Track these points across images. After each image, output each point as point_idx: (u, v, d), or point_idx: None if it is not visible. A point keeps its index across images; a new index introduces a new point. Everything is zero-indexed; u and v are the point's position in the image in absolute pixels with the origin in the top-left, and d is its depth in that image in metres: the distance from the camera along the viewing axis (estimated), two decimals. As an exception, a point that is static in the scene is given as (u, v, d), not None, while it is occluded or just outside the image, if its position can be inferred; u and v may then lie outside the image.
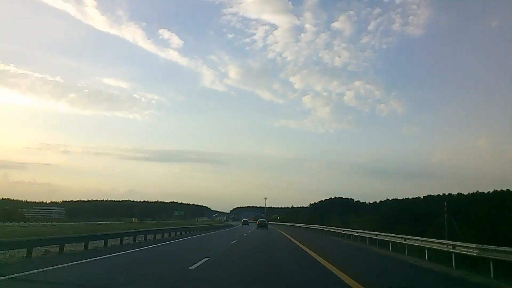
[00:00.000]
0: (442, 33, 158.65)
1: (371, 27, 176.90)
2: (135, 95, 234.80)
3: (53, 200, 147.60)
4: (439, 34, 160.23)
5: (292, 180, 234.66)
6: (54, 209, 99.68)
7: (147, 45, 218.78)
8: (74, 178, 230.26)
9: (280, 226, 73.09)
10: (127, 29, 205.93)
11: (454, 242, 13.50)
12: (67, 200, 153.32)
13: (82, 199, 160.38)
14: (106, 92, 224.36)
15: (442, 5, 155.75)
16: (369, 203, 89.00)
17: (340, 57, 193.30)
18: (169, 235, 28.30)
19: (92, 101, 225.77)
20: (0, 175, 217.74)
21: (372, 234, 22.87)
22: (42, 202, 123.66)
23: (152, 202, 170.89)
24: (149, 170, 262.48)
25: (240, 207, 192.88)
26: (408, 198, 68.14)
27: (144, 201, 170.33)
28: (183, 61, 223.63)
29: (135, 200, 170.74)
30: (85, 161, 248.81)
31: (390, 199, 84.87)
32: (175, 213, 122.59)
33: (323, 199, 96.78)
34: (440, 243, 14.13)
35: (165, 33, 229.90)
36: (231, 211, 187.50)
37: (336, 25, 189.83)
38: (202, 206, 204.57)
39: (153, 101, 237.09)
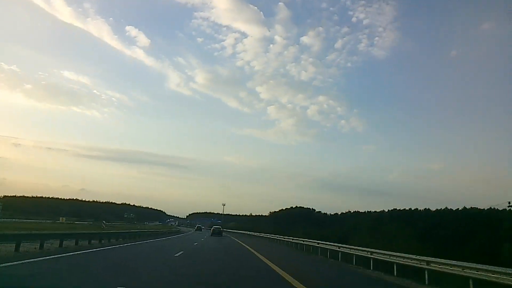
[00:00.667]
0: (404, 57, 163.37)
1: (338, 45, 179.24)
2: (95, 91, 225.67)
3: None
4: (402, 58, 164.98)
5: (252, 189, 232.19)
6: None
7: (112, 41, 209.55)
8: (22, 173, 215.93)
9: (237, 234, 67.77)
10: (93, 22, 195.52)
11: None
12: (9, 195, 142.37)
13: (25, 195, 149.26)
14: (65, 86, 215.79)
15: (406, 31, 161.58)
16: (330, 214, 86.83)
17: (306, 71, 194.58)
18: (88, 242, 21.18)
19: (49, 94, 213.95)
20: None
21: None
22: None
23: (102, 202, 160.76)
24: (104, 169, 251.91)
25: (197, 212, 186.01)
26: (370, 211, 66.16)
27: (94, 201, 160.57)
28: (149, 60, 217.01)
29: (85, 200, 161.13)
30: (36, 156, 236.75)
31: (352, 211, 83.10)
32: (124, 215, 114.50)
33: (283, 208, 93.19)
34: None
35: (132, 31, 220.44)
36: (187, 216, 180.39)
37: (305, 39, 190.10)
38: (156, 209, 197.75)
39: (113, 99, 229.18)
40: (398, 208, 61.11)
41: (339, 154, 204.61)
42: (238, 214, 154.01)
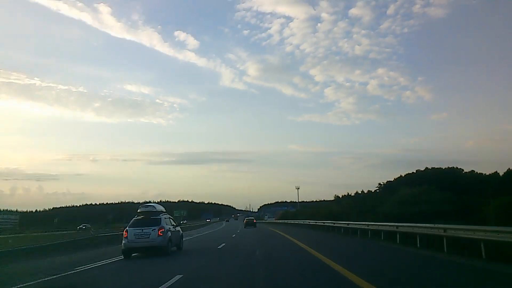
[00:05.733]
0: (466, 11, 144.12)
1: (390, 11, 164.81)
2: (157, 100, 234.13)
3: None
4: (464, 13, 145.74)
5: (321, 174, 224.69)
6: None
7: (164, 48, 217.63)
8: (103, 185, 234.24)
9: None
10: (143, 33, 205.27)
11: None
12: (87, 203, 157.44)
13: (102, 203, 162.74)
14: (129, 99, 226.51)
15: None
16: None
17: (360, 45, 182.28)
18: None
19: (116, 109, 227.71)
20: (35, 187, 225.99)
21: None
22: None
23: (174, 202, 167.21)
24: (176, 173, 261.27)
25: (268, 203, 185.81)
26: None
27: (168, 201, 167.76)
28: (201, 61, 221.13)
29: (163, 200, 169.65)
30: (114, 168, 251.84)
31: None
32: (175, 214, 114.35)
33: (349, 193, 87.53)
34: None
35: (180, 35, 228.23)
36: (258, 209, 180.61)
37: (354, 11, 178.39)
38: (226, 205, 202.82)
39: (175, 105, 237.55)
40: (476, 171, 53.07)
41: (407, 128, 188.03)
42: (314, 200, 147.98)
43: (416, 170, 57.57)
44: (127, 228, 15.42)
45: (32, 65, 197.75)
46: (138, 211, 16.58)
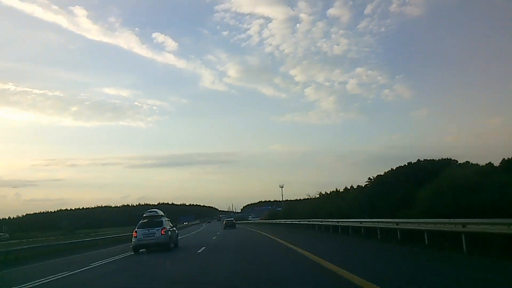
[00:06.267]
0: (442, 9, 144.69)
1: (368, 10, 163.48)
2: (136, 103, 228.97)
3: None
4: (439, 11, 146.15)
5: (304, 173, 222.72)
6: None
7: (142, 51, 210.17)
8: (82, 190, 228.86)
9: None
10: (120, 36, 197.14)
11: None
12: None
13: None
14: (108, 102, 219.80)
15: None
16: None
17: (339, 44, 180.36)
18: None
19: (94, 113, 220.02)
20: (12, 194, 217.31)
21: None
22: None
23: (154, 204, 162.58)
24: (158, 176, 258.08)
25: (252, 203, 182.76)
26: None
27: (154, 204, 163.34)
28: (180, 63, 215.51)
29: (144, 204, 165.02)
30: (93, 173, 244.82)
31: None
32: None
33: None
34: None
35: (159, 37, 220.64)
36: (241, 209, 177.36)
37: (332, 11, 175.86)
38: (209, 207, 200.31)
39: (154, 107, 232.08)
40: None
41: (388, 125, 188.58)
42: (298, 198, 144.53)
43: (408, 163, 55.20)
44: (136, 229, 18.91)
45: (6, 70, 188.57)
46: (144, 215, 19.99)
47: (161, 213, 20.54)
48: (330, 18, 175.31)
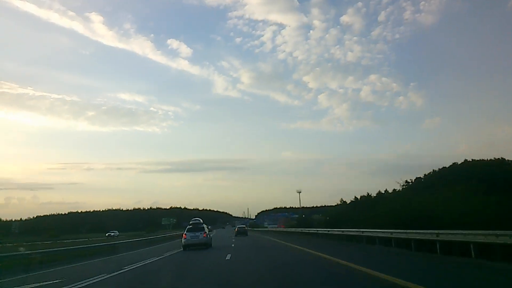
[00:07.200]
0: (456, 17, 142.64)
1: (381, 17, 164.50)
2: (151, 108, 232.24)
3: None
4: (454, 19, 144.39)
5: (316, 181, 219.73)
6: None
7: (157, 57, 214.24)
8: (97, 194, 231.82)
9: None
10: (135, 42, 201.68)
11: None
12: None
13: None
14: (124, 108, 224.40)
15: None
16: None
17: (352, 51, 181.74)
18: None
19: (110, 118, 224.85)
20: (30, 196, 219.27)
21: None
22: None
23: (165, 209, 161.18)
24: (172, 181, 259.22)
25: (266, 210, 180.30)
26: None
27: (167, 208, 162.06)
28: (194, 69, 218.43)
29: (157, 208, 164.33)
30: (108, 177, 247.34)
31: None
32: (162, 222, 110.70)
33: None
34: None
35: (173, 43, 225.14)
36: (256, 215, 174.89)
37: (345, 19, 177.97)
38: (223, 212, 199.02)
39: (169, 113, 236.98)
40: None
41: (400, 133, 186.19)
42: (316, 205, 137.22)
43: (453, 163, 55.82)
44: (185, 232, 24.62)
45: (24, 75, 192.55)
46: (190, 222, 25.78)
47: (201, 221, 26.05)
48: (343, 25, 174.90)
